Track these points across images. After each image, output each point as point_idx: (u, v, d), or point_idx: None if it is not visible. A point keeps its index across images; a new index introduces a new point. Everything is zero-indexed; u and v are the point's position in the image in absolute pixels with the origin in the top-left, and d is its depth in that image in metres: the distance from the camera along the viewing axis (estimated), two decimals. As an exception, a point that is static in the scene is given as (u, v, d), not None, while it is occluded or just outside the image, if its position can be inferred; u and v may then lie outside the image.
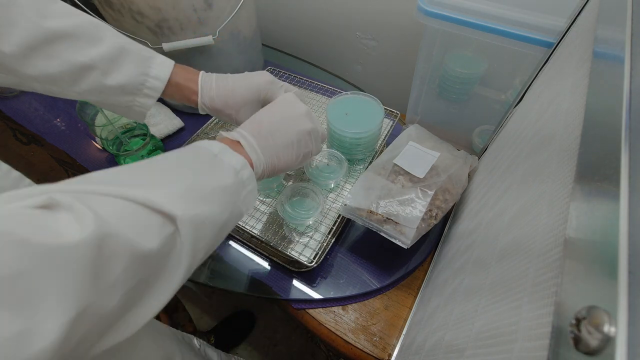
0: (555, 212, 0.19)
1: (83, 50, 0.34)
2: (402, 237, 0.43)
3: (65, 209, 0.19)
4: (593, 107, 0.19)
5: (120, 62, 0.35)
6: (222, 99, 0.40)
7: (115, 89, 0.36)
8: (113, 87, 0.36)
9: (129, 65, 0.36)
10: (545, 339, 0.14)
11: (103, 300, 0.19)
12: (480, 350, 0.21)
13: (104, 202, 0.21)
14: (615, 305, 0.10)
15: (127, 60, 0.36)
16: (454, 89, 0.59)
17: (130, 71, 0.36)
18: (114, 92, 0.36)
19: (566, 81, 0.28)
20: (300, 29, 0.87)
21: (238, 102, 0.41)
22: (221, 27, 0.58)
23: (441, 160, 0.49)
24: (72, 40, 0.33)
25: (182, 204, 0.24)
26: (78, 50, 0.33)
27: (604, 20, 0.25)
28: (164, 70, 0.38)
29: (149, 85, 0.37)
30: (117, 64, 0.35)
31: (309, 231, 0.52)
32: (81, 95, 0.36)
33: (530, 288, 0.18)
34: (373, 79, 0.86)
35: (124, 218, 0.21)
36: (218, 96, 0.40)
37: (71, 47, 0.33)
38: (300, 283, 0.50)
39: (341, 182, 0.58)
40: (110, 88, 0.35)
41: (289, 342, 1.07)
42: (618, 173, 0.13)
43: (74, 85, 0.35)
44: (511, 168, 0.34)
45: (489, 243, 0.29)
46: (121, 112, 0.40)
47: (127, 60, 0.36)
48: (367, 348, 0.45)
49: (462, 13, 0.45)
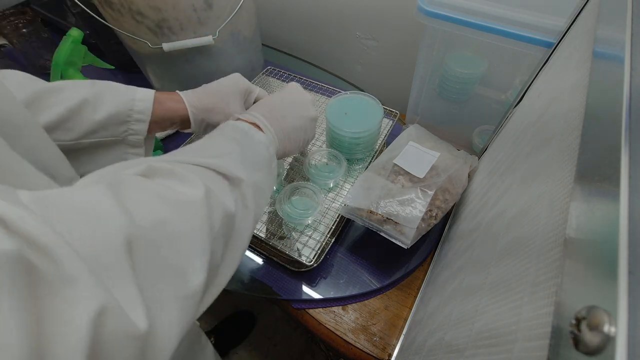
0: (555, 212, 0.19)
1: (69, 99, 0.33)
2: (402, 237, 0.43)
3: (168, 174, 0.22)
4: (593, 107, 0.19)
5: (105, 96, 0.35)
6: (210, 95, 0.41)
7: (106, 121, 0.35)
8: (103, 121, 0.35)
9: (113, 96, 0.35)
10: (545, 339, 0.14)
11: (216, 250, 0.22)
12: (480, 350, 0.21)
13: (193, 168, 0.24)
14: (615, 305, 0.10)
15: (109, 93, 0.35)
16: (454, 89, 0.59)
17: (117, 99, 0.35)
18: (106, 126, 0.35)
19: (566, 81, 0.28)
20: (300, 29, 0.87)
21: (226, 93, 0.41)
22: (221, 27, 0.58)
23: (441, 160, 0.49)
24: (57, 92, 0.33)
25: (243, 170, 0.27)
26: (65, 99, 0.33)
27: (604, 20, 0.25)
28: (147, 93, 0.37)
29: (137, 109, 0.36)
30: (101, 98, 0.35)
31: (308, 230, 0.52)
32: (78, 142, 0.35)
33: (530, 288, 0.18)
34: (373, 79, 0.86)
35: (212, 181, 0.24)
36: (205, 93, 0.40)
37: (58, 97, 0.33)
38: (300, 283, 0.50)
39: (340, 182, 0.58)
40: (101, 122, 0.34)
41: (289, 342, 1.07)
42: (618, 173, 0.13)
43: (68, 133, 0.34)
44: (511, 168, 0.34)
45: (489, 243, 0.29)
46: (120, 153, 0.38)
47: (109, 93, 0.35)
48: (367, 348, 0.45)
49: (462, 13, 0.45)
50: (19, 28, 0.75)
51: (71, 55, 0.52)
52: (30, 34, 0.77)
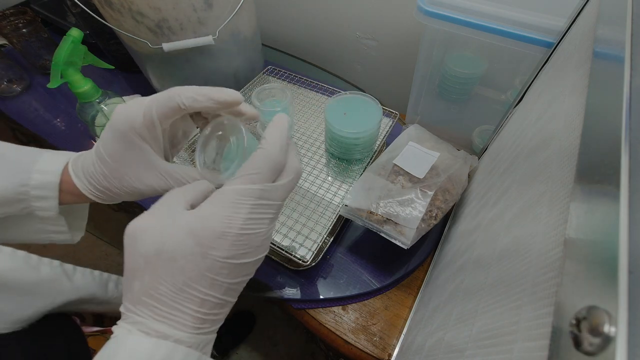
0: (555, 212, 0.19)
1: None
2: (402, 237, 0.43)
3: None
4: (593, 107, 0.19)
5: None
6: (105, 171, 0.26)
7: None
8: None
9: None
10: (545, 339, 0.14)
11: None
12: (480, 350, 0.21)
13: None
14: (615, 305, 0.10)
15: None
16: (454, 89, 0.59)
17: (4, 172, 0.26)
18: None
19: (566, 81, 0.28)
20: (300, 29, 0.87)
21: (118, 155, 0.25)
22: (221, 27, 0.58)
23: (441, 161, 0.49)
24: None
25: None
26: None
27: (604, 20, 0.25)
28: (53, 161, 0.27)
29: (34, 184, 0.26)
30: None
31: (305, 231, 0.52)
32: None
33: (530, 288, 0.18)
34: (373, 79, 0.86)
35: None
36: (97, 170, 0.26)
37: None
38: (300, 283, 0.50)
39: (337, 182, 0.58)
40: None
41: (289, 342, 1.07)
42: (618, 173, 0.13)
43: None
44: (511, 168, 0.34)
45: (489, 243, 0.29)
46: (34, 228, 0.30)
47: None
48: (367, 348, 0.45)
49: (462, 13, 0.45)
50: (19, 28, 0.75)
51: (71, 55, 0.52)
52: (30, 34, 0.77)
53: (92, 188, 0.26)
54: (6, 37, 0.76)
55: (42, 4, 0.92)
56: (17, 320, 0.27)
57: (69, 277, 0.30)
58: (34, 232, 0.30)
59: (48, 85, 0.53)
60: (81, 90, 0.55)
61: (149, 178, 0.25)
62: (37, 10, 0.89)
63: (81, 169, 0.27)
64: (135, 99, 0.27)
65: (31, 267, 0.27)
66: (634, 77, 0.16)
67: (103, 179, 0.26)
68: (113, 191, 0.26)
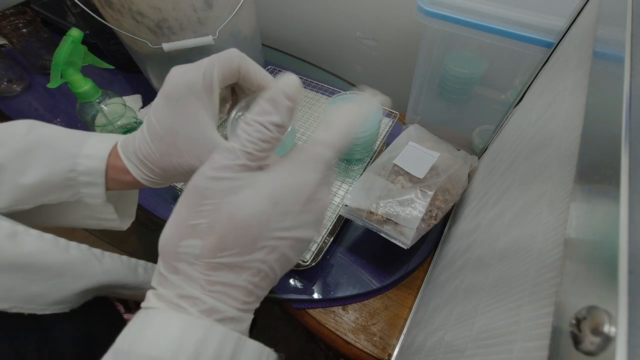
0: (555, 212, 0.19)
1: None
2: (402, 237, 0.43)
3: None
4: (593, 107, 0.19)
5: (34, 156, 0.25)
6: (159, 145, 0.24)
7: (39, 187, 0.26)
8: (36, 187, 0.25)
9: (47, 154, 0.26)
10: (545, 339, 0.14)
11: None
12: (480, 350, 0.21)
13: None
14: (615, 305, 0.10)
15: (45, 149, 0.26)
16: (454, 89, 0.59)
17: (52, 157, 0.25)
18: (43, 192, 0.26)
19: (566, 81, 0.28)
20: (300, 29, 0.87)
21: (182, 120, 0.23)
22: (221, 27, 0.58)
23: (441, 161, 0.49)
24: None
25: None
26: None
27: (604, 20, 0.25)
28: (98, 146, 0.26)
29: (82, 169, 0.25)
30: (31, 155, 0.25)
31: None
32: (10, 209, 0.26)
33: (530, 288, 0.18)
34: (373, 79, 0.86)
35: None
36: (153, 146, 0.24)
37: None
38: (300, 283, 0.50)
39: (337, 181, 0.58)
40: (33, 188, 0.25)
41: (289, 342, 1.07)
42: (618, 173, 0.13)
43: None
44: (511, 168, 0.34)
45: (489, 243, 0.29)
46: (86, 214, 0.30)
47: (44, 149, 0.26)
48: (367, 348, 0.45)
49: (462, 13, 0.45)
50: (19, 28, 0.75)
51: (71, 55, 0.52)
52: (30, 34, 0.77)
53: (147, 170, 0.25)
54: (6, 37, 0.77)
55: (42, 4, 0.92)
56: (56, 302, 0.27)
57: (99, 259, 0.30)
58: (85, 218, 0.30)
59: (48, 85, 0.53)
60: (81, 90, 0.55)
61: (206, 154, 0.23)
62: (37, 10, 0.89)
63: (133, 151, 0.25)
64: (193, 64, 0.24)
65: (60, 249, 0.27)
66: (634, 77, 0.16)
67: (159, 158, 0.24)
68: (169, 172, 0.25)
